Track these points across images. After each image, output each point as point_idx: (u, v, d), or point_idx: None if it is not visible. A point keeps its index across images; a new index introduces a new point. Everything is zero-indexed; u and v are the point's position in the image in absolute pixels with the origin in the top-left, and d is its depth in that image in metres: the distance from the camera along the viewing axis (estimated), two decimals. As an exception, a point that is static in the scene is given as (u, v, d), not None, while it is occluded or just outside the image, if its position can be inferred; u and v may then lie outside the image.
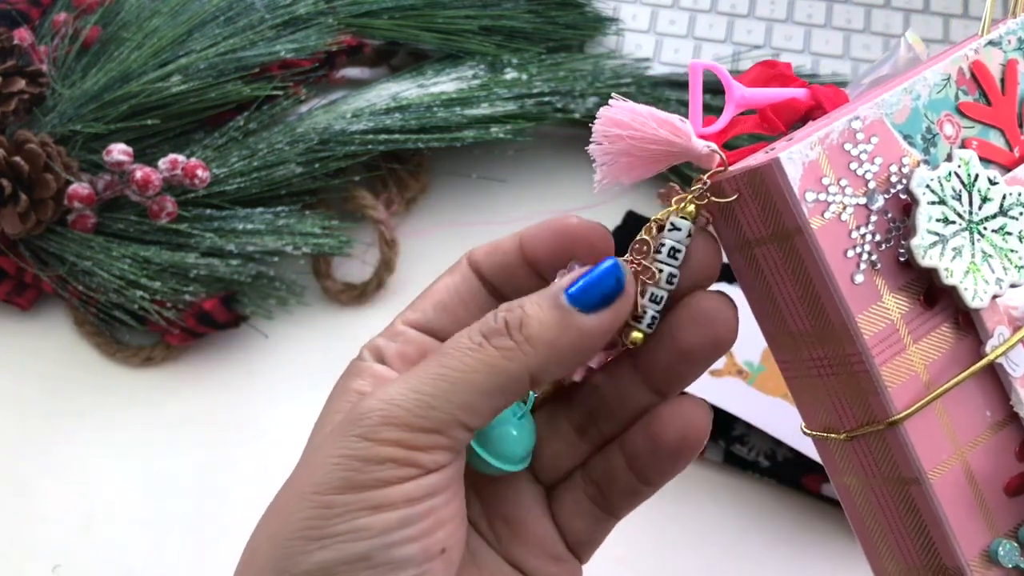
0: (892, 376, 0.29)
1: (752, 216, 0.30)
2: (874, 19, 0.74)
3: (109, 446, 0.60)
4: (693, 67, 0.31)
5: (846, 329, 0.29)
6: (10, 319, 0.64)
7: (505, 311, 0.29)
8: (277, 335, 0.63)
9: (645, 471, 0.33)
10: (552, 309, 0.29)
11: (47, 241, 0.62)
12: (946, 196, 0.30)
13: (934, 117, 0.31)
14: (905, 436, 0.29)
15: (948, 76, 0.31)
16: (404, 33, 0.70)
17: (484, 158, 0.69)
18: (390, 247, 0.64)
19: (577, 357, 0.30)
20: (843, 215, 0.29)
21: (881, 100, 0.30)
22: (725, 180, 0.30)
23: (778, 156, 0.28)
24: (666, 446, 0.32)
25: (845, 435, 0.31)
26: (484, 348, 0.29)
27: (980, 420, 0.31)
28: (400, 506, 0.28)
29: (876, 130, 0.30)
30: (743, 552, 0.56)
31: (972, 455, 0.30)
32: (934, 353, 0.30)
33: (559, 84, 0.67)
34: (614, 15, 0.74)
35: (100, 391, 0.62)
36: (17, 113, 0.63)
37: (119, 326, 0.63)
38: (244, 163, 0.64)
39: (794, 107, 0.33)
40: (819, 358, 0.31)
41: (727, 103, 0.32)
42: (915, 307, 0.30)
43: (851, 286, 0.29)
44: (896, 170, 0.30)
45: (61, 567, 0.56)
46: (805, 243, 0.29)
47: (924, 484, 0.30)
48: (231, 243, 0.62)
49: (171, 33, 0.66)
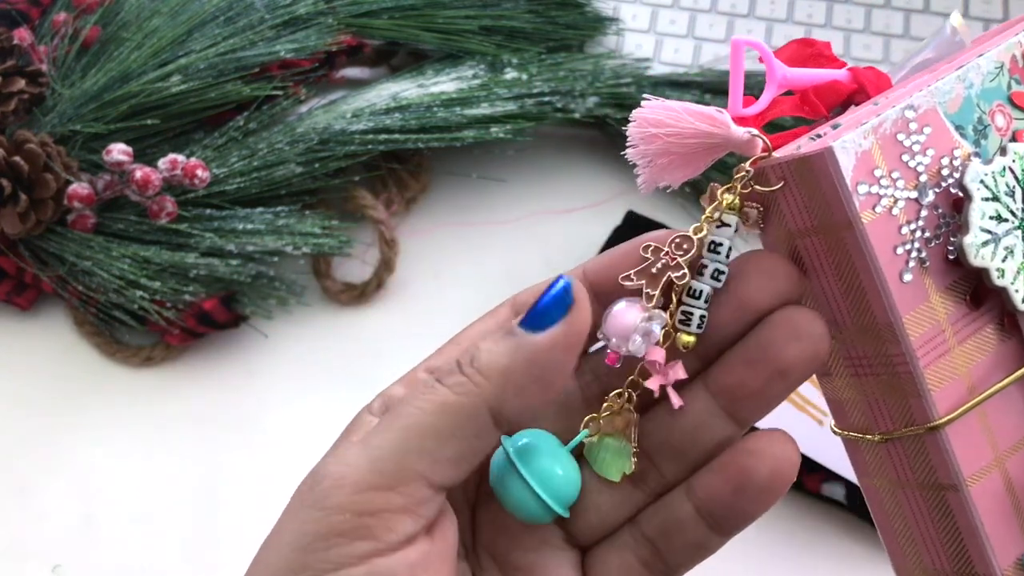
0: (936, 379, 0.28)
1: (797, 206, 0.29)
2: (874, 19, 0.74)
3: (109, 446, 0.60)
4: (735, 44, 0.29)
5: (892, 329, 0.28)
6: (10, 319, 0.64)
7: (461, 353, 0.27)
8: (277, 335, 0.63)
9: (722, 516, 0.29)
10: (504, 338, 0.27)
11: (47, 241, 0.62)
12: (999, 192, 0.28)
13: (986, 107, 0.29)
14: (946, 442, 0.28)
15: (1001, 64, 0.30)
16: (404, 33, 0.70)
17: (484, 158, 0.69)
18: (390, 247, 0.64)
19: (536, 380, 0.27)
20: (894, 209, 0.28)
21: (935, 88, 0.28)
22: (769, 167, 0.29)
23: (831, 145, 0.27)
24: (756, 484, 0.28)
25: (880, 436, 0.30)
26: (435, 387, 0.27)
27: (1021, 426, 0.30)
28: None
29: (929, 120, 0.28)
30: (743, 552, 0.56)
31: (1011, 462, 0.29)
32: (978, 356, 0.29)
33: (559, 84, 0.67)
34: (614, 15, 0.74)
35: (100, 391, 0.62)
36: (17, 113, 0.63)
37: (119, 326, 0.63)
38: (244, 163, 0.64)
39: (837, 90, 0.31)
40: (858, 356, 0.29)
41: (768, 83, 0.30)
42: (961, 307, 0.29)
43: (900, 285, 0.28)
44: (947, 163, 0.28)
45: (61, 567, 0.56)
46: (854, 238, 0.27)
47: (962, 491, 0.29)
48: (231, 243, 0.62)
49: (171, 33, 0.66)
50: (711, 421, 0.30)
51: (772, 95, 0.30)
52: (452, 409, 0.26)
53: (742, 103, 0.30)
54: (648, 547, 0.30)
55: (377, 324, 0.64)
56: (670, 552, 0.30)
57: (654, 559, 0.30)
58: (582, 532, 0.31)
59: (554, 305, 0.27)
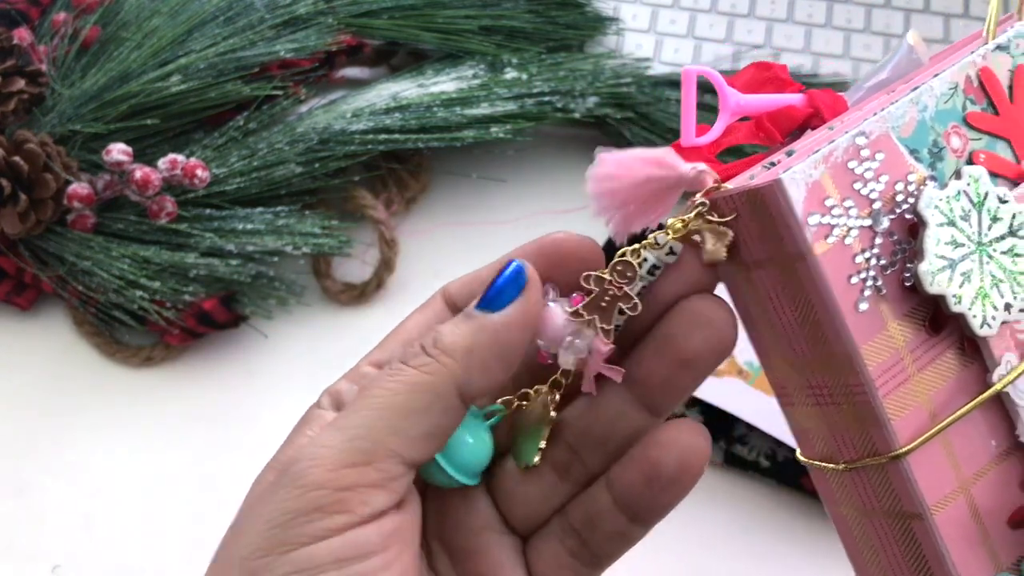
0: (896, 408, 0.28)
1: (751, 237, 0.28)
2: (874, 19, 0.74)
3: (109, 446, 0.60)
4: (686, 73, 0.29)
5: (849, 359, 0.27)
6: (10, 319, 0.64)
7: (423, 337, 0.29)
8: (277, 335, 0.63)
9: (637, 507, 0.30)
10: (463, 320, 0.28)
11: (47, 241, 0.62)
12: (955, 217, 0.28)
13: (941, 129, 0.29)
14: (908, 470, 0.28)
15: (956, 85, 0.29)
16: (404, 33, 0.70)
17: (484, 158, 0.69)
18: (390, 247, 0.64)
19: (498, 357, 0.28)
20: (847, 238, 0.27)
21: (887, 113, 0.28)
22: (722, 199, 0.29)
23: (780, 177, 0.27)
24: (665, 474, 0.29)
25: (844, 466, 0.29)
26: (403, 369, 0.28)
27: (985, 451, 0.29)
28: (327, 568, 0.26)
29: (882, 145, 0.28)
30: (743, 552, 0.56)
31: (976, 487, 0.29)
32: (939, 382, 0.28)
33: (559, 84, 0.67)
34: (614, 15, 0.74)
35: (100, 391, 0.62)
36: (17, 113, 0.63)
37: (119, 326, 0.63)
38: (244, 163, 0.64)
39: (791, 115, 0.31)
40: (818, 386, 0.29)
41: (721, 111, 0.30)
42: (920, 334, 0.28)
43: (855, 315, 0.27)
44: (902, 188, 0.28)
45: (61, 567, 0.56)
46: (807, 269, 0.27)
47: (927, 520, 0.28)
48: (231, 243, 0.62)
49: (171, 33, 0.66)
50: (627, 412, 0.30)
51: (726, 123, 0.30)
52: (421, 388, 0.28)
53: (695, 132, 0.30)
54: (575, 537, 0.31)
55: (377, 324, 0.63)
56: (594, 542, 0.31)
57: (581, 549, 0.31)
58: (519, 520, 0.32)
59: (507, 286, 0.28)
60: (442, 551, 0.32)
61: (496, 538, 0.32)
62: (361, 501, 0.27)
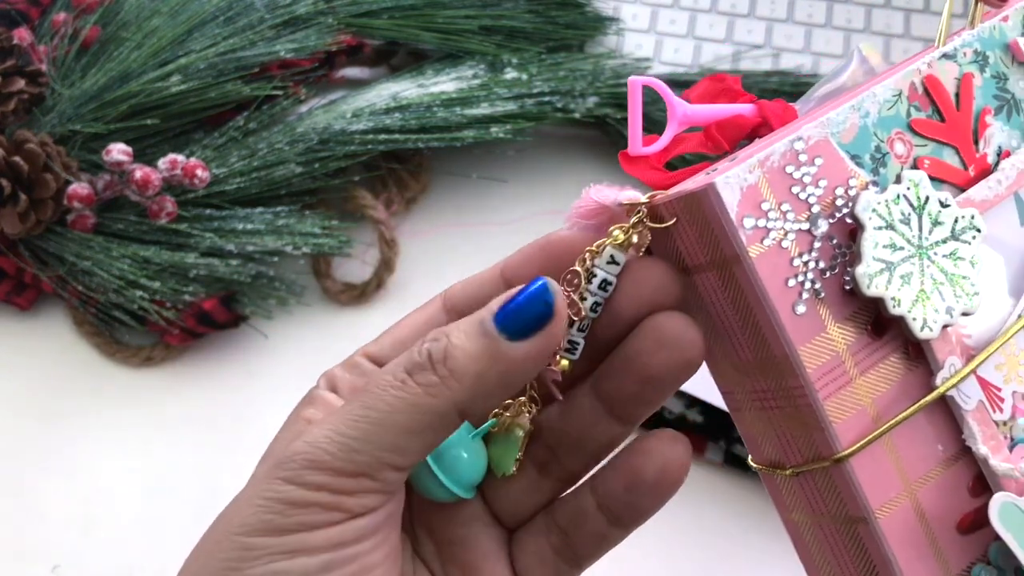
0: (837, 411, 0.28)
1: (690, 242, 0.29)
2: (874, 19, 0.74)
3: (109, 446, 0.60)
4: (632, 83, 0.30)
5: (788, 362, 0.28)
6: (10, 319, 0.64)
7: (430, 341, 0.28)
8: (277, 335, 0.63)
9: (618, 511, 0.31)
10: (478, 338, 0.27)
11: (47, 241, 0.62)
12: (894, 220, 0.28)
13: (884, 135, 0.29)
14: (851, 474, 0.28)
15: (899, 92, 0.30)
16: (404, 33, 0.70)
17: (484, 158, 0.69)
18: (390, 247, 0.64)
19: (507, 388, 0.28)
20: (784, 242, 0.27)
21: (826, 119, 0.28)
22: (663, 205, 0.29)
23: (714, 181, 0.27)
24: (645, 481, 0.30)
25: (791, 471, 0.29)
26: (407, 385, 0.27)
27: (932, 455, 0.29)
28: (322, 551, 0.27)
29: (821, 151, 0.28)
30: (743, 552, 0.56)
31: (923, 492, 0.29)
32: (882, 385, 0.28)
33: (559, 84, 0.67)
34: (614, 15, 0.74)
35: (100, 391, 0.62)
36: (17, 113, 0.63)
37: (119, 326, 0.63)
38: (244, 163, 0.64)
39: (739, 124, 0.31)
40: (762, 390, 0.29)
41: (669, 121, 0.31)
42: (862, 337, 0.28)
43: (792, 317, 0.27)
44: (842, 193, 0.28)
45: (61, 567, 0.56)
46: (743, 272, 0.27)
47: (871, 523, 0.28)
48: (231, 243, 0.62)
49: (171, 33, 0.66)
50: (598, 421, 0.31)
51: (673, 132, 0.31)
52: (424, 410, 0.27)
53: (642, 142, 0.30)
54: (559, 535, 0.32)
55: (377, 324, 0.63)
56: (577, 541, 0.31)
57: (564, 547, 0.31)
58: (505, 514, 0.32)
59: (532, 310, 0.27)
60: (428, 539, 0.32)
61: (482, 529, 0.32)
62: (359, 504, 0.28)
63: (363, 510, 0.28)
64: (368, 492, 0.28)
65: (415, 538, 0.33)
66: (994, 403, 0.30)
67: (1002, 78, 0.32)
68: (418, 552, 0.33)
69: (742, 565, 0.56)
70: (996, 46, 0.32)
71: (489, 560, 0.32)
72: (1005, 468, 0.29)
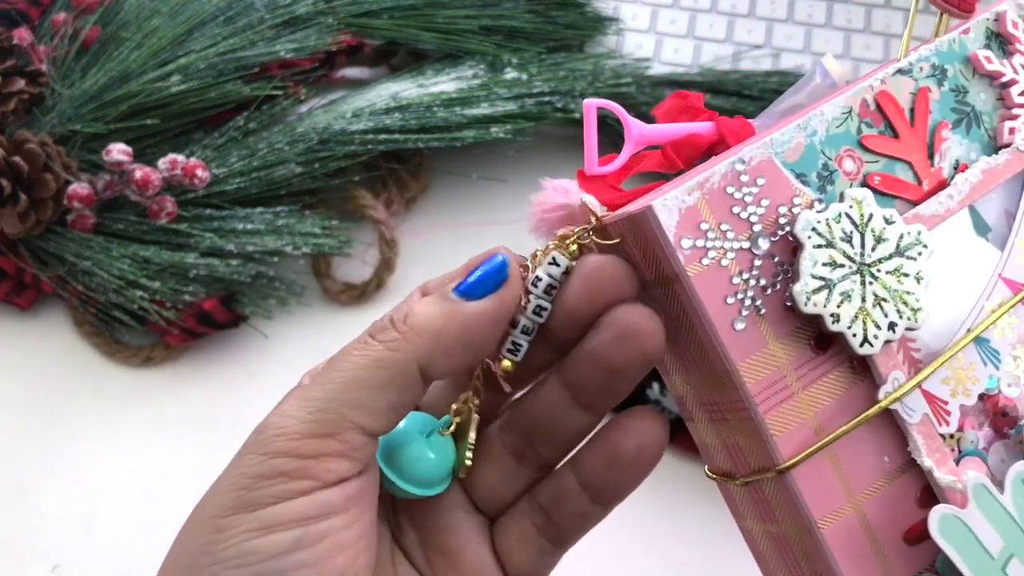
0: (778, 424, 0.28)
1: (638, 259, 0.30)
2: (874, 19, 0.74)
3: (109, 446, 0.60)
4: (587, 106, 0.31)
5: (729, 376, 0.28)
6: (10, 319, 0.64)
7: (394, 310, 0.29)
8: (277, 335, 0.63)
9: (599, 488, 0.32)
10: (438, 301, 0.29)
11: (47, 241, 0.62)
12: (834, 238, 0.28)
13: (832, 153, 0.29)
14: (793, 484, 0.28)
15: (849, 109, 0.30)
16: (404, 33, 0.70)
17: (484, 158, 0.69)
18: (390, 247, 0.64)
19: (465, 346, 0.29)
20: (723, 260, 0.28)
21: (770, 139, 0.29)
22: (611, 224, 0.30)
23: (651, 203, 0.28)
24: (624, 458, 0.31)
25: (740, 480, 0.30)
26: (369, 343, 0.29)
27: (877, 467, 0.29)
28: (291, 526, 0.27)
29: (763, 171, 0.28)
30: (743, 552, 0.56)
31: (868, 503, 0.29)
32: (826, 399, 0.29)
33: (559, 84, 0.67)
34: (614, 15, 0.74)
35: (100, 391, 0.62)
36: (17, 113, 0.63)
37: (119, 326, 0.63)
38: (244, 163, 0.64)
39: (695, 143, 0.32)
40: (710, 403, 0.30)
41: (626, 141, 0.32)
42: (804, 352, 0.29)
43: (732, 333, 0.28)
44: (786, 211, 0.29)
45: (61, 567, 0.56)
46: (683, 289, 0.28)
47: (815, 533, 0.29)
48: (231, 243, 0.62)
49: (171, 33, 0.66)
50: (568, 410, 0.32)
51: (630, 152, 0.32)
52: (385, 363, 0.28)
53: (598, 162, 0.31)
54: (542, 515, 0.32)
55: (377, 324, 0.64)
56: (559, 520, 0.32)
57: (546, 526, 0.32)
58: (484, 501, 0.33)
59: (488, 277, 0.29)
60: (410, 527, 0.33)
61: (463, 516, 0.33)
62: (325, 468, 0.28)
63: (331, 477, 0.28)
64: (334, 456, 0.28)
65: (397, 526, 0.33)
66: (940, 416, 0.30)
67: (961, 91, 0.32)
68: (398, 541, 0.33)
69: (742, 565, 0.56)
70: (955, 59, 0.32)
71: (471, 544, 0.33)
72: (948, 480, 0.29)
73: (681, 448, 0.58)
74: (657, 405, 0.58)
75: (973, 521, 0.29)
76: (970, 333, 0.30)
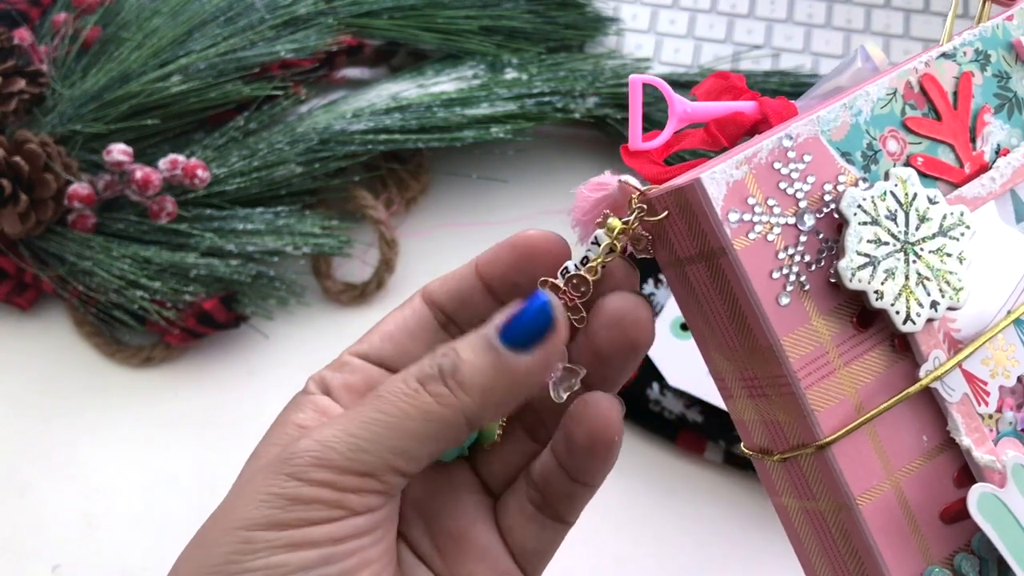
0: (819, 399, 0.29)
1: (681, 234, 0.30)
2: (874, 19, 0.74)
3: (109, 446, 0.60)
4: (633, 81, 0.31)
5: (772, 351, 0.28)
6: (10, 319, 0.64)
7: (441, 356, 0.29)
8: (277, 335, 0.63)
9: (572, 471, 0.32)
10: (485, 352, 0.29)
11: (47, 241, 0.62)
12: (879, 216, 0.29)
13: (877, 133, 0.30)
14: (833, 461, 0.29)
15: (894, 90, 0.30)
16: (404, 33, 0.70)
17: (484, 158, 0.69)
18: (390, 247, 0.64)
19: (513, 399, 0.29)
20: (769, 235, 0.28)
21: (817, 117, 0.29)
22: (656, 199, 0.30)
23: (699, 177, 0.28)
24: (579, 446, 0.31)
25: (778, 457, 0.30)
26: (419, 394, 0.29)
27: (916, 445, 0.30)
28: (323, 545, 0.28)
29: (810, 148, 0.29)
30: (743, 552, 0.56)
31: (906, 481, 0.29)
32: (866, 376, 0.29)
33: (559, 84, 0.67)
34: (614, 15, 0.74)
35: (100, 391, 0.62)
36: (17, 113, 0.63)
37: (119, 326, 0.63)
38: (244, 163, 0.64)
39: (738, 121, 0.32)
40: (750, 378, 0.30)
41: (670, 117, 0.32)
42: (847, 329, 0.29)
43: (776, 308, 0.28)
44: (831, 189, 0.29)
45: (61, 567, 0.56)
46: (729, 264, 0.28)
47: (853, 510, 0.29)
48: (231, 243, 0.62)
49: (171, 33, 0.66)
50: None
51: (673, 129, 0.32)
52: (434, 418, 0.28)
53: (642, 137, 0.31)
54: (536, 491, 0.33)
55: (377, 324, 0.64)
56: (550, 497, 0.33)
57: (543, 503, 0.33)
58: (492, 478, 0.34)
59: (532, 324, 0.29)
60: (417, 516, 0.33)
61: (468, 496, 0.33)
62: (362, 503, 0.28)
63: (364, 509, 0.28)
64: (371, 492, 0.28)
65: (402, 516, 0.33)
66: (979, 396, 0.30)
67: (1004, 77, 0.32)
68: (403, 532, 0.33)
69: (742, 565, 0.56)
70: (999, 45, 0.32)
71: (477, 525, 0.33)
72: (987, 460, 0.30)
73: (682, 448, 0.58)
74: (657, 405, 0.58)
75: (1012, 500, 0.29)
76: (1011, 315, 0.31)
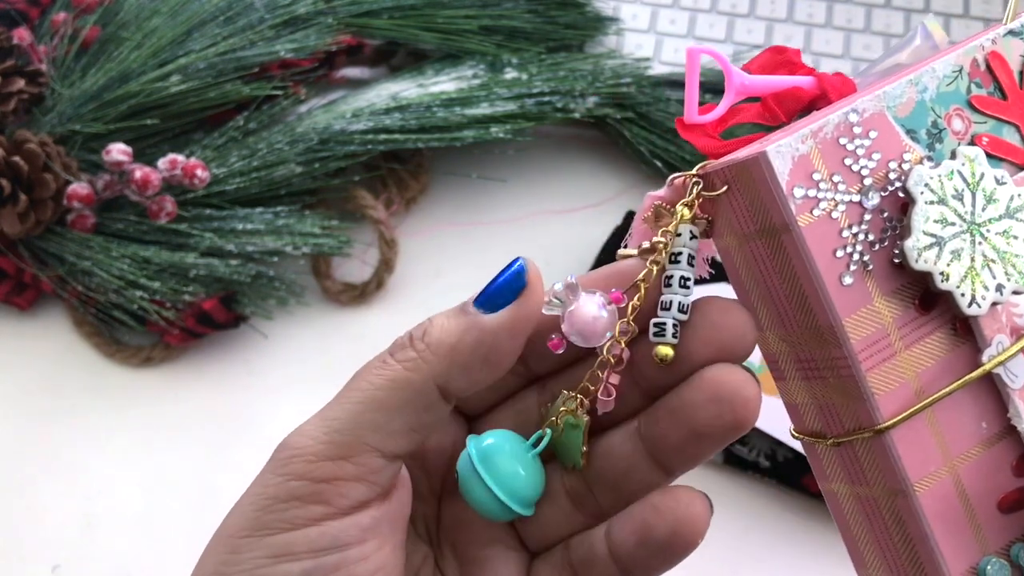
0: (880, 383, 0.28)
1: (741, 209, 0.29)
2: (874, 19, 0.74)
3: (109, 446, 0.60)
4: (690, 52, 0.30)
5: (833, 332, 0.28)
6: (9, 319, 0.64)
7: (415, 326, 0.28)
8: (277, 335, 0.63)
9: (628, 564, 0.29)
10: (456, 315, 0.28)
11: (46, 241, 0.62)
12: (946, 196, 0.28)
13: (942, 111, 0.29)
14: (892, 446, 0.28)
15: (960, 68, 0.29)
16: (404, 33, 0.70)
17: (484, 158, 0.69)
18: (390, 247, 0.64)
19: (481, 360, 0.28)
20: (834, 212, 0.27)
21: (883, 92, 0.28)
22: (715, 172, 0.29)
23: (765, 149, 0.27)
24: (655, 540, 0.28)
25: (832, 441, 0.29)
26: (388, 363, 0.28)
27: (975, 432, 0.29)
28: (303, 556, 0.26)
29: (876, 124, 0.28)
30: (743, 552, 0.56)
31: (964, 468, 0.29)
32: (927, 360, 0.28)
33: (559, 84, 0.67)
34: (614, 15, 0.74)
35: (100, 391, 0.61)
36: (16, 113, 0.63)
37: (118, 326, 0.63)
38: (244, 163, 0.64)
39: (797, 96, 0.31)
40: (807, 359, 0.29)
41: (727, 90, 0.31)
42: (909, 311, 0.28)
43: (839, 287, 0.27)
44: (896, 167, 0.28)
45: (61, 567, 0.56)
46: (792, 241, 0.27)
47: (910, 496, 0.28)
48: (231, 243, 0.62)
49: (170, 33, 0.66)
50: (640, 464, 0.30)
51: (730, 102, 0.31)
52: (401, 384, 0.27)
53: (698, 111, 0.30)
54: (571, 573, 0.30)
55: (377, 324, 0.64)
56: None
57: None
58: (530, 539, 0.32)
59: (506, 286, 0.28)
60: (452, 555, 0.32)
61: (503, 552, 0.31)
62: (338, 493, 0.27)
63: (345, 502, 0.27)
64: (348, 480, 0.27)
65: (440, 552, 0.32)
66: None
67: None
68: (440, 566, 0.32)
69: (742, 565, 0.56)
70: None
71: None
72: None
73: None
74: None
75: None
76: None
